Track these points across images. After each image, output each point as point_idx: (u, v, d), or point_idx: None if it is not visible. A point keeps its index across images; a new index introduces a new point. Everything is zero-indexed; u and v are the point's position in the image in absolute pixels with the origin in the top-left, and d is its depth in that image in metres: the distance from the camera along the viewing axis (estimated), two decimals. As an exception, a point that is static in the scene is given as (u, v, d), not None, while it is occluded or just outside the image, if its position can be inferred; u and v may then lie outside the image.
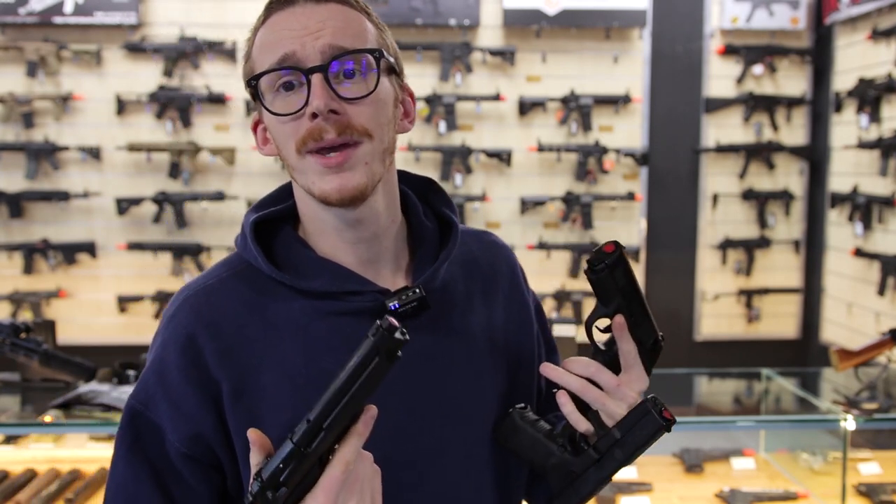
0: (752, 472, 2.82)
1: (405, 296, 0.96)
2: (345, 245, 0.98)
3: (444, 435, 0.99)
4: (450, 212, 1.06)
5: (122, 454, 0.94)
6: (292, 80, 0.90)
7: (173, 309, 0.97)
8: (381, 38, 0.96)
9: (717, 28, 4.90)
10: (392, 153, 0.96)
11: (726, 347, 5.06)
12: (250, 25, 0.98)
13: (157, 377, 0.94)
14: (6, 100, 4.61)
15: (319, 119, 0.88)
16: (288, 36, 0.90)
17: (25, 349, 2.50)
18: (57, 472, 2.64)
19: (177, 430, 0.92)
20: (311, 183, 0.92)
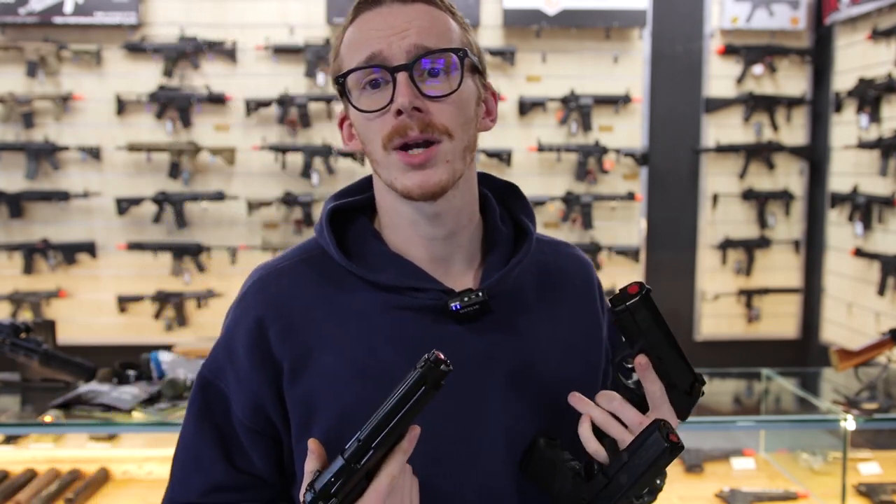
0: (752, 472, 2.82)
1: (467, 298, 0.97)
2: (419, 240, 1.00)
3: (495, 436, 0.99)
4: (527, 219, 1.07)
5: (192, 418, 1.02)
6: (378, 79, 0.93)
7: (246, 288, 1.02)
8: (466, 38, 0.98)
9: (717, 28, 4.89)
10: (473, 151, 0.98)
11: (726, 347, 5.06)
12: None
13: (226, 352, 1.00)
14: (6, 100, 4.61)
15: (404, 116, 0.90)
16: (375, 35, 0.92)
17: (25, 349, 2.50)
18: (57, 472, 2.64)
19: (240, 402, 0.99)
20: (394, 178, 0.94)
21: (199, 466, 1.01)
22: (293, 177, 4.78)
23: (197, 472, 1.01)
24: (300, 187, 4.77)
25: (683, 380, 0.99)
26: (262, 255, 4.76)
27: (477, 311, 0.97)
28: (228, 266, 4.79)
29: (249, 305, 1.00)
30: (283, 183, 4.78)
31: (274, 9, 4.69)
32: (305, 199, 4.71)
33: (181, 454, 1.03)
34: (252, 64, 4.72)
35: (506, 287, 1.01)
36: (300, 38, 4.69)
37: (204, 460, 1.00)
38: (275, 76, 4.70)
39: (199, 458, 1.01)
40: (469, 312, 0.97)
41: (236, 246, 4.79)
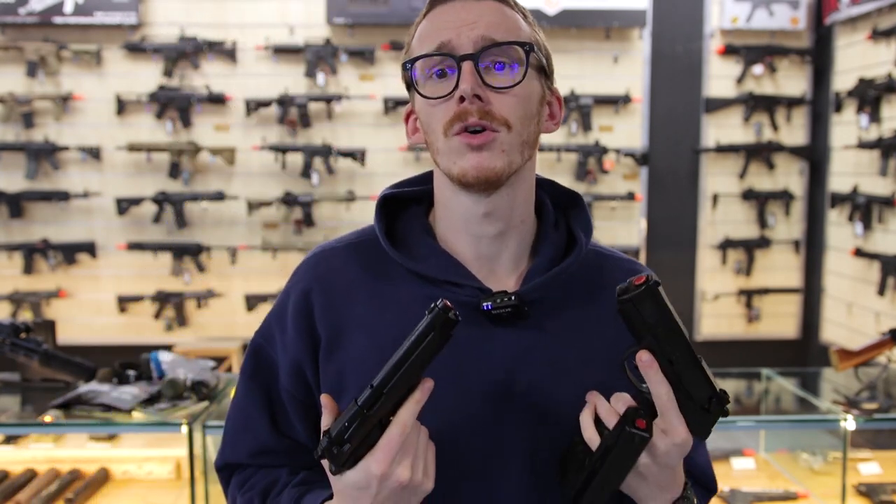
0: (752, 472, 2.82)
1: (500, 300, 0.97)
2: (468, 236, 1.01)
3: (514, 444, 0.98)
4: (581, 230, 1.05)
5: (244, 381, 1.09)
6: (445, 68, 0.94)
7: (302, 263, 1.08)
8: (535, 37, 0.99)
9: (717, 28, 4.89)
10: (532, 148, 0.98)
11: (726, 347, 5.06)
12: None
13: (277, 319, 1.06)
14: (6, 100, 4.61)
15: (466, 102, 0.92)
16: (445, 26, 0.95)
17: (25, 349, 2.50)
18: (57, 472, 2.64)
19: (285, 369, 1.04)
20: (452, 163, 0.95)
21: (247, 428, 1.07)
22: (293, 177, 4.78)
23: (246, 434, 1.07)
24: (300, 187, 4.77)
25: (699, 391, 0.91)
26: (262, 256, 4.76)
27: (510, 313, 0.97)
28: (228, 266, 4.79)
29: (301, 278, 1.05)
30: (283, 183, 4.78)
31: (274, 9, 4.69)
32: (305, 199, 4.71)
33: (232, 415, 1.10)
34: (252, 64, 4.72)
35: (547, 294, 1.00)
36: (300, 38, 4.68)
37: (252, 423, 1.07)
38: (275, 76, 4.70)
39: (249, 421, 1.07)
40: (502, 314, 0.97)
41: (236, 246, 4.79)
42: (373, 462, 0.86)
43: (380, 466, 0.85)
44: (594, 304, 1.03)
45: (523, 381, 0.98)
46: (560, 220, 1.07)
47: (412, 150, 4.71)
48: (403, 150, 4.70)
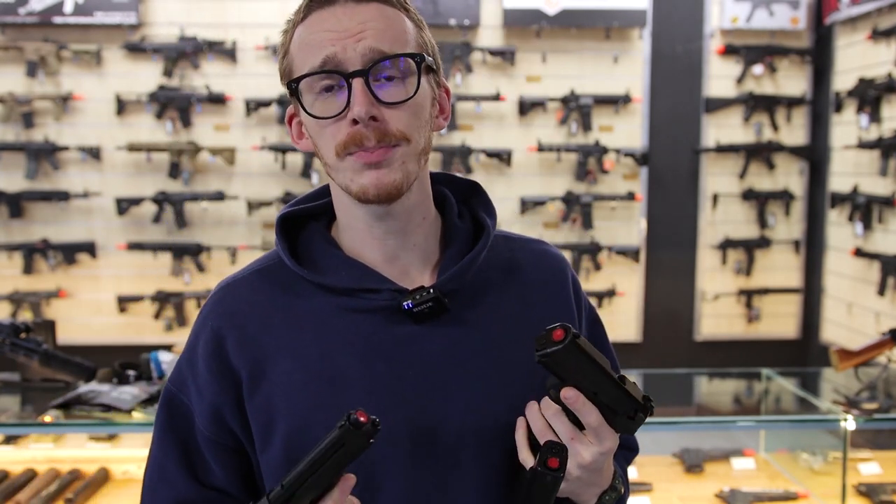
0: (752, 472, 2.82)
1: (419, 296, 0.96)
2: (373, 241, 0.99)
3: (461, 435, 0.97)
4: (486, 215, 1.06)
5: (158, 432, 1.04)
6: (332, 84, 0.91)
7: (206, 302, 1.04)
8: (421, 37, 0.96)
9: (717, 28, 4.89)
10: (427, 153, 0.97)
11: (726, 347, 5.06)
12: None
13: (188, 364, 1.01)
14: (6, 100, 4.61)
15: (360, 126, 0.89)
16: (329, 38, 0.90)
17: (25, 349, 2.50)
18: (57, 472, 2.64)
19: (202, 414, 0.99)
20: (349, 181, 0.93)
21: (164, 480, 1.01)
22: (293, 177, 4.78)
23: (162, 486, 1.01)
24: (300, 187, 4.76)
25: (625, 406, 0.94)
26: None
27: (432, 308, 0.96)
28: (228, 266, 4.79)
29: (207, 317, 1.00)
30: (283, 183, 4.78)
31: (274, 9, 4.69)
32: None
33: (149, 467, 1.04)
34: (252, 64, 4.72)
35: (464, 284, 1.00)
36: (300, 38, 4.68)
37: (169, 474, 1.01)
38: (275, 76, 4.67)
39: (164, 472, 1.01)
40: (424, 311, 0.96)
41: (236, 246, 4.79)
42: None
43: None
44: (511, 286, 1.04)
45: (457, 373, 0.98)
46: (464, 211, 1.07)
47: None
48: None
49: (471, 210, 1.07)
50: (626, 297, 4.97)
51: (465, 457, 0.97)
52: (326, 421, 0.90)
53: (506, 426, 0.98)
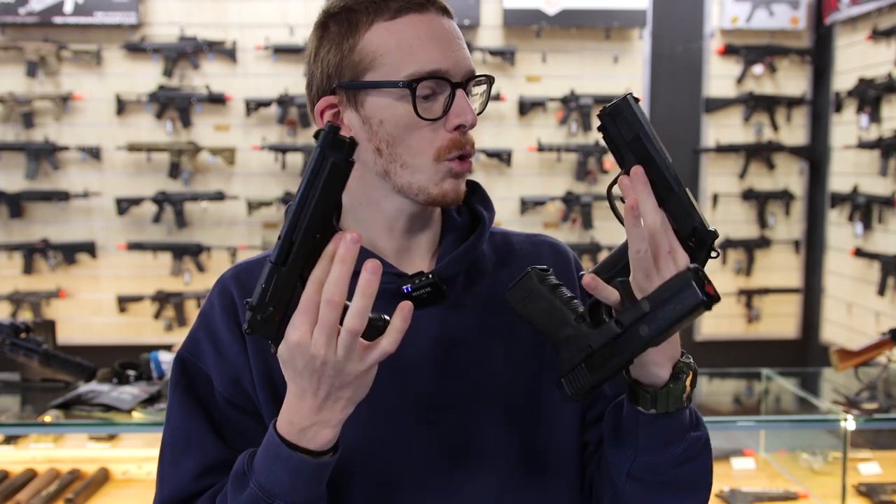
0: (752, 472, 2.82)
1: (418, 280, 0.98)
2: (391, 234, 1.03)
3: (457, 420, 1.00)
4: (483, 208, 1.09)
5: (178, 398, 1.01)
6: (436, 90, 0.95)
7: (221, 277, 1.07)
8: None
9: (717, 28, 4.89)
10: None
11: (726, 347, 5.05)
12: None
13: (204, 330, 1.02)
14: (6, 100, 4.61)
15: (459, 133, 0.96)
16: (436, 46, 0.95)
17: (25, 349, 2.50)
18: (57, 472, 2.64)
19: (221, 376, 1.00)
20: (433, 184, 0.97)
21: (190, 444, 0.99)
22: (293, 177, 4.77)
23: (189, 453, 0.98)
24: (300, 187, 4.76)
25: (682, 219, 0.85)
26: (262, 255, 4.76)
27: (431, 294, 0.98)
28: (228, 266, 4.77)
29: (225, 287, 1.03)
30: (283, 183, 4.78)
31: (274, 9, 4.69)
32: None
33: (169, 440, 1.02)
34: (252, 64, 4.72)
35: (462, 271, 1.03)
36: (300, 38, 4.68)
37: (195, 437, 0.99)
38: (275, 76, 4.69)
39: (189, 436, 0.99)
40: (422, 295, 0.98)
41: (236, 246, 4.79)
42: (290, 328, 0.80)
43: (295, 332, 0.79)
44: (508, 273, 1.05)
45: (455, 358, 1.01)
46: (463, 209, 1.10)
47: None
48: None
49: (469, 206, 1.11)
50: (626, 297, 4.96)
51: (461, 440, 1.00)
52: None
53: (500, 413, 1.01)
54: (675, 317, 0.81)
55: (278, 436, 0.85)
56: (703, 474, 0.98)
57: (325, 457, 0.86)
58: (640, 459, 0.94)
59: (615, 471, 0.98)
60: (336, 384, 0.81)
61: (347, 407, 0.84)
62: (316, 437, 0.84)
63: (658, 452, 0.93)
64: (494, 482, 1.01)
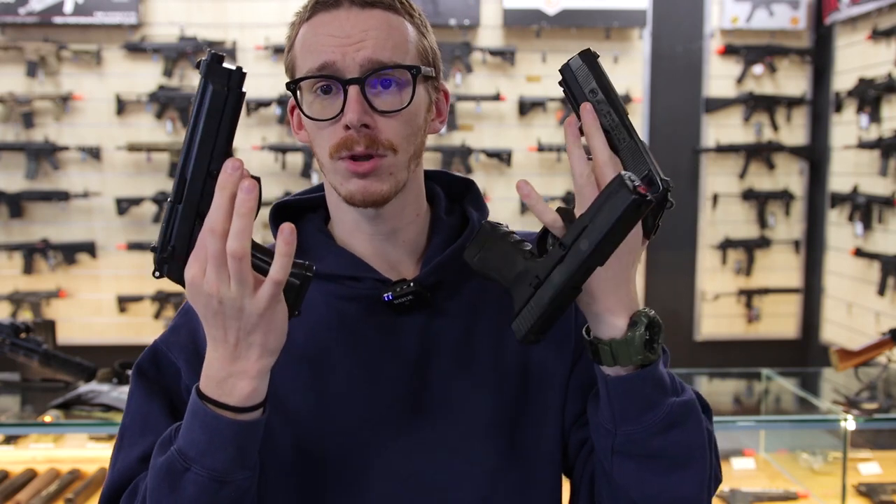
0: (752, 472, 2.83)
1: (399, 289, 0.97)
2: (362, 236, 1.01)
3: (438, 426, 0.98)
4: (474, 210, 1.07)
5: (140, 383, 0.99)
6: (331, 86, 0.93)
7: None
8: (422, 44, 0.98)
9: (717, 28, 4.89)
10: (419, 157, 1.00)
11: (726, 347, 5.05)
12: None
13: (186, 326, 1.00)
14: (6, 100, 4.61)
15: (352, 131, 0.91)
16: (331, 43, 0.92)
17: (25, 349, 2.50)
18: (57, 472, 2.64)
19: (193, 373, 0.95)
20: (339, 184, 0.95)
21: (148, 428, 0.95)
22: (293, 177, 4.77)
23: (147, 435, 0.94)
24: (300, 187, 4.76)
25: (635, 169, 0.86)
26: (262, 255, 4.75)
27: (413, 301, 0.97)
28: (228, 266, 4.79)
29: None
30: (284, 183, 4.78)
31: (274, 9, 4.69)
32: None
33: (129, 421, 0.98)
34: (252, 64, 4.72)
35: (447, 276, 1.01)
36: (300, 38, 4.68)
37: (153, 422, 0.95)
38: (275, 76, 4.69)
39: (148, 421, 0.96)
40: (404, 303, 0.97)
41: (236, 246, 4.79)
42: (186, 268, 0.79)
43: (189, 270, 0.78)
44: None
45: (434, 365, 0.99)
46: (455, 207, 1.08)
47: (412, 150, 4.70)
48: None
49: (462, 207, 1.09)
50: (626, 297, 4.96)
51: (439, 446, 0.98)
52: (306, 401, 0.92)
53: (482, 419, 0.99)
54: (611, 221, 0.78)
55: (199, 393, 0.83)
56: (694, 445, 0.92)
57: (246, 414, 0.82)
58: (620, 430, 0.90)
59: (603, 454, 0.94)
60: (242, 327, 0.79)
61: (264, 356, 0.81)
62: (234, 389, 0.81)
63: (637, 419, 0.89)
64: (475, 491, 0.99)
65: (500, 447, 1.00)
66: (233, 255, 0.76)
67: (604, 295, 0.88)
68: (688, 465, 0.92)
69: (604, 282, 0.88)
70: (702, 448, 0.93)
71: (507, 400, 1.01)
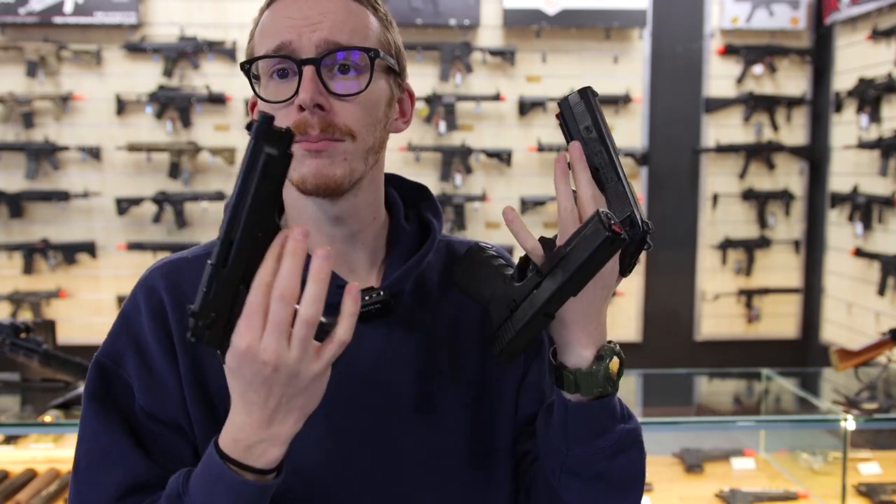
0: (752, 472, 2.82)
1: (368, 297, 0.95)
2: (321, 237, 0.97)
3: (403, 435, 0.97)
4: (433, 217, 1.05)
5: (93, 409, 0.92)
6: (286, 68, 0.90)
7: (146, 274, 0.98)
8: (384, 35, 0.95)
9: (717, 28, 4.89)
10: (378, 152, 0.95)
11: (726, 347, 5.06)
12: (250, 25, 0.98)
13: (127, 334, 0.95)
14: (6, 100, 4.61)
15: (306, 112, 0.88)
16: (287, 24, 0.90)
17: (25, 349, 2.50)
18: (57, 472, 2.64)
19: (144, 388, 0.92)
20: (292, 170, 0.89)
21: (108, 462, 0.89)
22: (293, 177, 4.77)
23: (109, 469, 0.89)
24: (300, 187, 4.76)
25: (618, 209, 0.88)
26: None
27: (380, 310, 0.95)
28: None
29: (153, 289, 0.96)
30: (283, 183, 4.78)
31: (274, 9, 4.69)
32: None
33: (83, 458, 0.91)
34: (252, 64, 4.72)
35: (410, 285, 1.00)
36: (300, 38, 4.68)
37: (114, 454, 0.90)
38: (275, 76, 4.69)
39: (108, 453, 0.90)
40: (370, 311, 0.94)
41: (236, 246, 4.79)
42: (236, 335, 0.73)
43: (242, 339, 0.73)
44: (452, 288, 1.01)
45: (400, 372, 0.97)
46: (411, 214, 1.06)
47: (412, 150, 4.71)
48: (403, 150, 4.70)
49: (418, 213, 1.06)
50: (626, 297, 4.97)
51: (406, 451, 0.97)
52: None
53: (448, 426, 0.99)
54: (585, 255, 0.82)
55: (221, 454, 0.79)
56: (635, 471, 0.96)
57: (269, 477, 0.79)
58: (572, 451, 0.92)
59: (549, 469, 0.96)
60: (288, 392, 0.75)
61: (299, 420, 0.78)
62: (264, 454, 0.78)
63: (589, 443, 0.92)
64: (435, 497, 0.99)
65: (464, 456, 1.00)
66: (307, 322, 0.73)
67: (575, 325, 0.90)
68: (627, 490, 0.96)
69: (576, 312, 0.90)
70: (641, 474, 0.98)
71: (467, 406, 1.01)
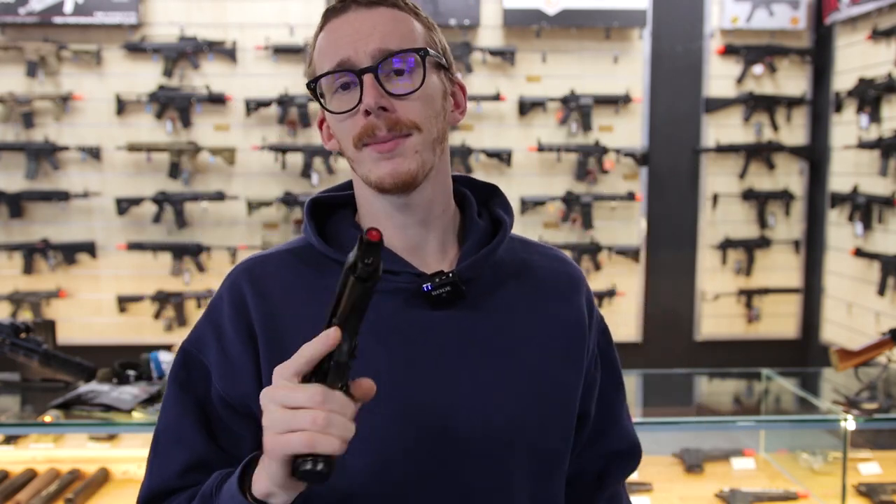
0: (752, 472, 2.82)
1: (438, 279, 0.99)
2: (394, 230, 1.03)
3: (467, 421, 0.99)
4: (504, 213, 1.10)
5: (174, 393, 1.02)
6: (348, 82, 0.97)
7: (233, 269, 1.07)
8: (429, 36, 1.02)
9: (717, 28, 4.89)
10: (442, 143, 1.02)
11: (726, 347, 5.06)
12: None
13: (210, 324, 1.03)
14: (6, 100, 4.61)
15: (371, 116, 0.95)
16: (343, 41, 0.97)
17: (25, 349, 2.50)
18: (57, 472, 2.64)
19: (221, 373, 1.00)
20: (368, 171, 0.98)
21: (179, 441, 1.00)
22: (293, 177, 4.78)
23: (177, 448, 1.00)
24: (300, 187, 4.77)
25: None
26: (262, 255, 4.76)
27: (450, 293, 1.00)
28: (228, 266, 4.78)
29: (235, 282, 1.03)
30: (283, 183, 4.78)
31: (274, 9, 4.69)
32: (305, 199, 4.71)
33: (162, 433, 1.03)
34: (252, 64, 4.72)
35: (481, 275, 1.04)
36: (300, 38, 4.68)
37: (185, 435, 1.00)
38: (275, 76, 4.69)
39: (180, 433, 1.00)
40: (441, 294, 0.99)
41: (236, 246, 4.79)
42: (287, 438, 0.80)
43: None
44: (525, 282, 1.08)
45: (469, 360, 1.01)
46: (483, 211, 1.11)
47: (412, 150, 4.70)
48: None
49: (490, 210, 1.12)
50: (626, 297, 4.97)
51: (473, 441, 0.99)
52: None
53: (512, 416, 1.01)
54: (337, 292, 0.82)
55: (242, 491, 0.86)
56: None
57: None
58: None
59: None
60: None
61: None
62: (279, 499, 0.84)
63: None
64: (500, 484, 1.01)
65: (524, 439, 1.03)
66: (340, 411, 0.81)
67: None
68: None
69: None
70: None
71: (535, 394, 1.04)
